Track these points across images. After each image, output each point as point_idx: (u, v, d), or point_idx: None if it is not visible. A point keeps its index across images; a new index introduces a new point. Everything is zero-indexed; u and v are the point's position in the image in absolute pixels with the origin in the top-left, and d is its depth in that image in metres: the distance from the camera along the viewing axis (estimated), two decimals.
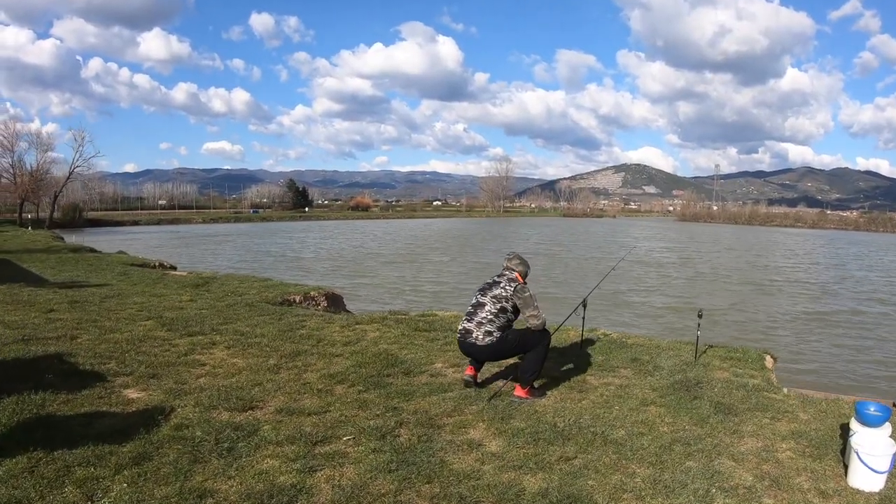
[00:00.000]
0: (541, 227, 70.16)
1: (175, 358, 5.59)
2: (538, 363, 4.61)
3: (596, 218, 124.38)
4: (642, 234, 63.64)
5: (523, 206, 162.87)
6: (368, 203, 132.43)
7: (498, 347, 4.67)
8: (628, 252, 10.45)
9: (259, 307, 8.64)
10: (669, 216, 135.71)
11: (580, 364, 5.71)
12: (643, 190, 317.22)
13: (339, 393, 4.73)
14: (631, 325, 12.81)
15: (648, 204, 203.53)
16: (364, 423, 4.06)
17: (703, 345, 6.43)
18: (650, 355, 6.07)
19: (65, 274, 11.93)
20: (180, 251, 30.95)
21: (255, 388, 4.77)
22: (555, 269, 26.03)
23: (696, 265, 30.05)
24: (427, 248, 37.15)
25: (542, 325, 4.64)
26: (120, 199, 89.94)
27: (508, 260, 4.92)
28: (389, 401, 4.53)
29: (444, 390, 4.81)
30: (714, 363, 5.85)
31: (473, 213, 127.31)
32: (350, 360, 5.64)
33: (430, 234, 54.68)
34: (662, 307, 16.07)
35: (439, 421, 4.15)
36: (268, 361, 5.57)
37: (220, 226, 66.90)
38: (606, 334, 7.23)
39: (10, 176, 47.70)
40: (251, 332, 6.76)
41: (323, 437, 3.80)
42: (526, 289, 4.71)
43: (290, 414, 4.21)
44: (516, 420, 4.18)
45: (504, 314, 4.68)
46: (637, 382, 5.16)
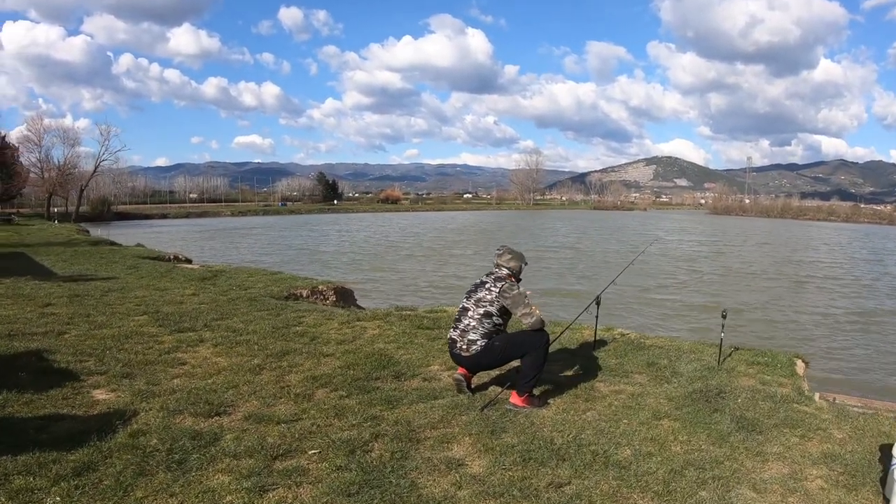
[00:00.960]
0: (569, 220, 68.82)
1: (156, 356, 5.30)
2: (535, 368, 4.13)
3: (626, 211, 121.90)
4: (672, 228, 61.84)
5: (554, 198, 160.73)
6: (398, 196, 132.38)
7: (484, 357, 4.21)
8: (649, 245, 9.74)
9: (261, 302, 8.35)
10: (701, 209, 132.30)
11: (590, 368, 5.20)
12: (674, 183, 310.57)
13: (318, 398, 4.34)
14: (653, 325, 12.11)
15: (680, 197, 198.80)
16: (336, 434, 3.65)
17: (729, 347, 5.84)
18: (669, 359, 5.50)
19: (75, 267, 11.90)
20: (202, 244, 31.17)
21: (229, 390, 4.43)
22: (580, 264, 25.29)
23: (728, 260, 28.76)
24: (451, 241, 36.65)
25: (538, 325, 4.15)
26: (151, 193, 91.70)
27: (498, 256, 4.44)
28: (370, 408, 4.11)
29: (435, 397, 4.37)
30: (739, 368, 5.25)
31: (503, 205, 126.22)
32: (340, 361, 5.25)
33: (457, 227, 54.17)
34: (689, 305, 15.18)
35: (421, 434, 3.70)
36: (252, 361, 5.22)
37: (248, 219, 67.53)
38: (624, 334, 6.68)
39: (38, 171, 48.74)
40: (244, 329, 6.44)
41: (286, 451, 3.41)
42: (514, 287, 4.22)
43: (258, 421, 3.84)
44: (508, 434, 3.70)
45: (489, 319, 4.21)
46: (651, 391, 4.62)
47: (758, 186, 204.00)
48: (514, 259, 4.39)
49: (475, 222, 64.08)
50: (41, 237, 21.72)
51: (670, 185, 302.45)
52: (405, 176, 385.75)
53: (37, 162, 49.28)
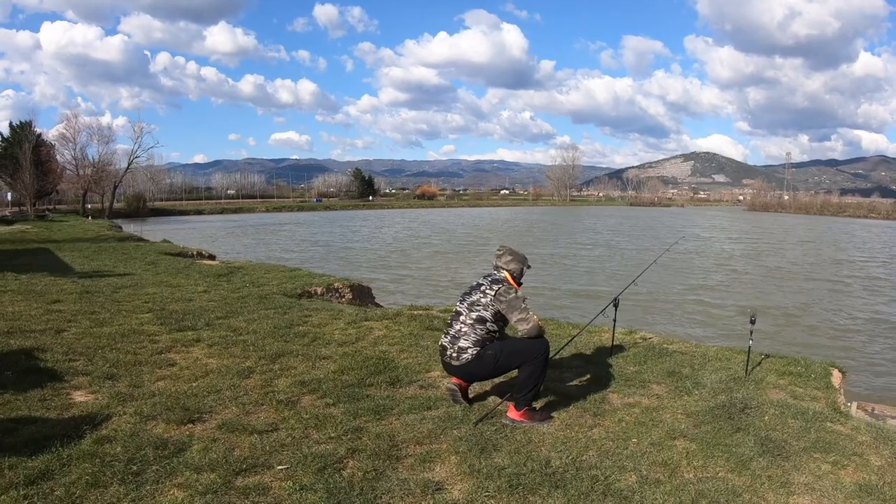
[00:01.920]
0: (605, 217, 67.30)
1: (147, 356, 5.12)
2: (534, 380, 3.72)
3: (663, 207, 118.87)
4: (709, 224, 59.65)
5: (590, 195, 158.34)
6: (434, 192, 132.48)
7: (475, 367, 3.82)
8: (673, 244, 9.11)
9: (271, 299, 8.17)
10: (739, 206, 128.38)
11: (604, 377, 4.75)
12: (712, 179, 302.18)
13: (302, 405, 4.05)
14: (681, 328, 11.40)
15: (718, 193, 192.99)
16: (310, 448, 3.35)
17: (759, 354, 5.32)
18: (692, 367, 5.01)
19: (94, 263, 12.01)
20: (231, 240, 31.52)
21: (211, 395, 4.19)
22: (611, 262, 24.49)
23: (765, 259, 27.30)
24: (481, 238, 36.18)
25: (534, 332, 3.75)
26: (188, 190, 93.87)
27: (497, 256, 4.04)
28: (355, 419, 3.79)
29: (428, 407, 4.02)
30: (769, 379, 4.72)
31: (540, 202, 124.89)
32: (335, 365, 4.96)
33: (489, 223, 53.66)
34: (722, 307, 14.25)
35: (403, 450, 3.36)
36: (243, 363, 4.98)
37: (283, 215, 68.50)
38: (646, 338, 6.19)
39: (74, 168, 50.10)
40: (244, 328, 6.23)
41: (252, 465, 3.12)
42: (511, 290, 3.82)
43: (231, 431, 3.57)
44: (500, 453, 3.32)
45: (482, 325, 3.82)
46: (669, 404, 4.16)
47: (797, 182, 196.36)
48: (514, 261, 4.00)
49: (508, 219, 63.42)
50: (70, 233, 22.27)
51: (708, 181, 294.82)
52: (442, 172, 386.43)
53: (72, 159, 50.75)
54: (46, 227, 25.83)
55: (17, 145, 42.88)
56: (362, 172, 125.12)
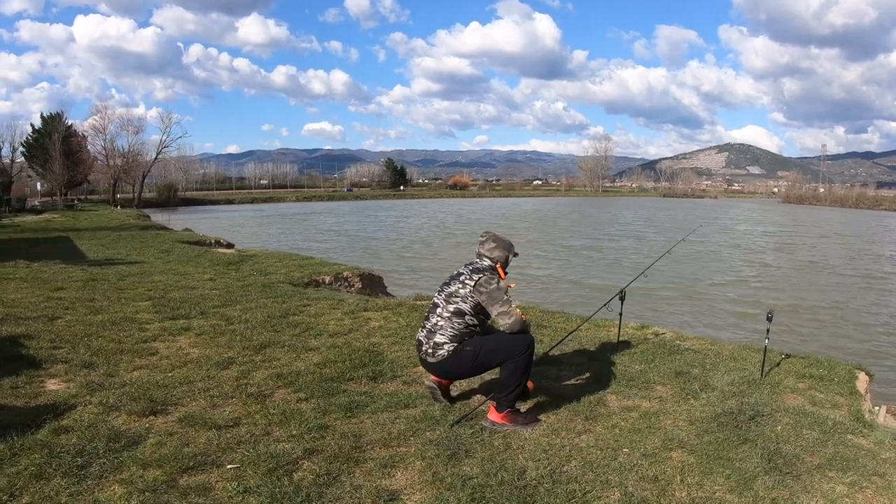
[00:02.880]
0: (636, 208, 65.49)
1: (132, 345, 5.00)
2: (515, 378, 3.39)
3: (696, 199, 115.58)
4: (742, 216, 57.45)
5: (623, 186, 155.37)
6: (466, 182, 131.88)
7: (452, 364, 3.51)
8: (690, 233, 8.49)
9: (274, 288, 8.01)
10: (773, 198, 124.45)
11: (605, 375, 4.38)
12: (747, 171, 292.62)
13: (273, 400, 3.82)
14: (700, 323, 10.73)
15: (752, 185, 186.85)
16: (269, 446, 3.12)
17: (779, 354, 4.87)
18: (703, 367, 4.59)
19: (109, 251, 12.12)
20: (256, 229, 31.67)
21: (182, 386, 4.02)
22: (636, 254, 23.57)
23: (798, 252, 25.89)
24: (508, 229, 35.56)
25: (516, 327, 3.41)
26: (221, 180, 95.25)
27: (480, 243, 3.71)
28: (324, 416, 3.54)
29: (406, 405, 3.74)
30: (787, 382, 4.27)
31: (572, 192, 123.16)
32: (319, 357, 4.72)
33: (519, 213, 52.91)
34: (747, 302, 13.33)
35: (366, 452, 3.09)
36: (226, 354, 4.80)
37: (313, 204, 68.95)
38: (658, 334, 5.77)
39: (104, 158, 51.04)
40: (238, 318, 6.06)
41: (202, 462, 2.93)
42: (493, 279, 3.48)
43: (191, 424, 3.39)
44: (471, 460, 3.01)
45: (460, 318, 3.50)
46: (672, 408, 3.77)
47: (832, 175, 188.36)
48: (498, 248, 3.65)
49: (539, 209, 62.49)
50: (94, 222, 22.70)
51: (743, 172, 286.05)
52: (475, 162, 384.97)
53: (102, 150, 51.67)
54: (73, 217, 26.42)
55: (48, 136, 44.01)
56: (394, 162, 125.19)
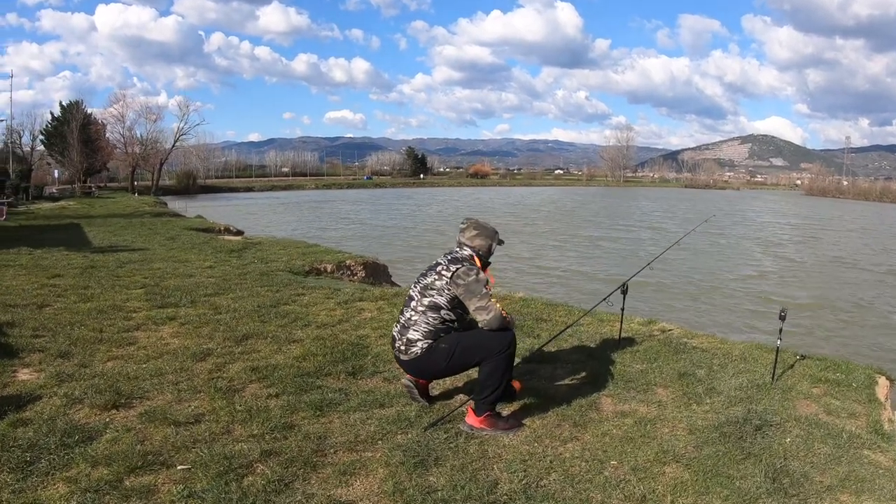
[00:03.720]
0: (657, 199, 64.02)
1: (113, 334, 4.85)
2: (494, 379, 3.10)
3: (718, 190, 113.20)
4: (764, 208, 55.85)
5: (645, 176, 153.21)
6: (487, 171, 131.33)
7: (426, 363, 3.23)
8: (700, 224, 8.02)
9: (272, 276, 7.84)
10: (796, 190, 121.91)
11: (601, 375, 4.07)
12: (770, 162, 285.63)
13: (242, 395, 3.62)
14: (711, 320, 10.18)
15: (775, 177, 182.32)
16: (226, 446, 2.92)
17: (794, 354, 4.51)
18: (710, 368, 4.24)
19: (115, 238, 12.12)
20: (270, 216, 31.55)
21: (153, 378, 3.84)
22: (654, 245, 22.85)
23: (821, 246, 24.84)
24: (525, 218, 35.05)
25: (494, 323, 3.11)
26: (242, 168, 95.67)
27: (460, 231, 3.41)
28: (292, 414, 3.32)
29: (381, 404, 3.49)
30: (800, 387, 3.90)
31: (593, 182, 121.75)
32: (301, 349, 4.51)
33: (536, 202, 52.18)
34: (765, 297, 12.66)
35: (328, 456, 2.86)
36: (206, 344, 4.62)
37: (332, 192, 68.96)
38: (666, 330, 5.42)
39: (122, 146, 51.25)
40: (227, 307, 5.90)
41: (153, 462, 2.75)
42: (472, 271, 3.18)
43: (151, 420, 3.21)
44: (440, 469, 2.75)
45: (435, 313, 3.22)
46: (671, 415, 3.45)
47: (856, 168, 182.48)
48: (479, 236, 3.35)
49: (558, 198, 61.68)
50: (108, 209, 22.80)
51: (766, 164, 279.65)
52: (497, 151, 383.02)
53: (121, 137, 51.53)
54: (89, 204, 26.60)
55: (66, 124, 44.39)
56: (415, 151, 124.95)
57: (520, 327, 5.29)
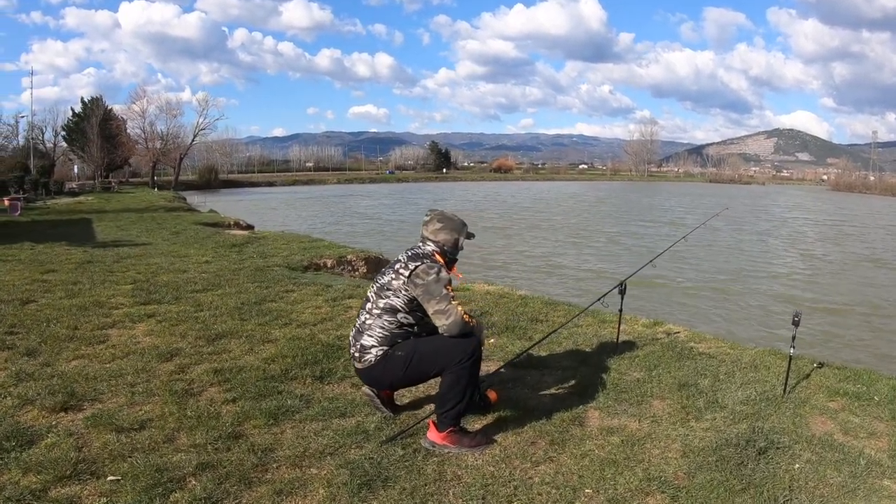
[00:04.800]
0: (680, 194, 62.14)
1: (87, 331, 4.68)
2: (457, 392, 2.78)
3: (743, 185, 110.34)
4: (790, 203, 53.88)
5: (669, 171, 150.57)
6: (511, 165, 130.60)
7: (381, 371, 2.92)
8: (712, 217, 7.42)
9: (266, 272, 7.64)
10: (822, 185, 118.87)
11: (592, 384, 3.71)
12: (796, 157, 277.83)
13: (198, 399, 3.40)
14: (724, 322, 9.53)
15: (801, 172, 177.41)
16: (164, 456, 2.69)
17: (810, 362, 4.09)
18: (715, 377, 3.84)
19: (121, 233, 12.21)
20: (286, 212, 31.32)
21: (111, 380, 3.64)
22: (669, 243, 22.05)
23: (849, 244, 23.47)
24: (543, 213, 34.41)
25: (455, 329, 2.78)
26: (266, 162, 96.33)
27: (424, 224, 3.08)
28: (243, 423, 3.07)
29: (342, 413, 3.20)
30: (815, 400, 3.48)
31: (617, 177, 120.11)
32: (274, 350, 4.27)
33: (557, 197, 51.33)
34: (785, 298, 11.86)
35: (268, 472, 2.59)
36: (177, 343, 4.42)
37: (353, 186, 68.92)
38: (671, 332, 5.03)
39: (143, 141, 51.75)
40: (210, 303, 5.71)
41: (84, 471, 2.55)
42: (433, 269, 2.85)
43: (97, 424, 3.01)
44: (388, 493, 2.45)
45: (392, 316, 2.91)
46: (665, 432, 3.08)
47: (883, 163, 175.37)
48: (444, 229, 3.02)
49: (579, 193, 60.69)
50: (123, 204, 22.99)
51: (791, 159, 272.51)
52: (521, 146, 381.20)
53: (141, 133, 51.97)
54: (106, 199, 26.86)
55: (87, 120, 44.97)
56: (438, 145, 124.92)
57: (512, 329, 4.96)
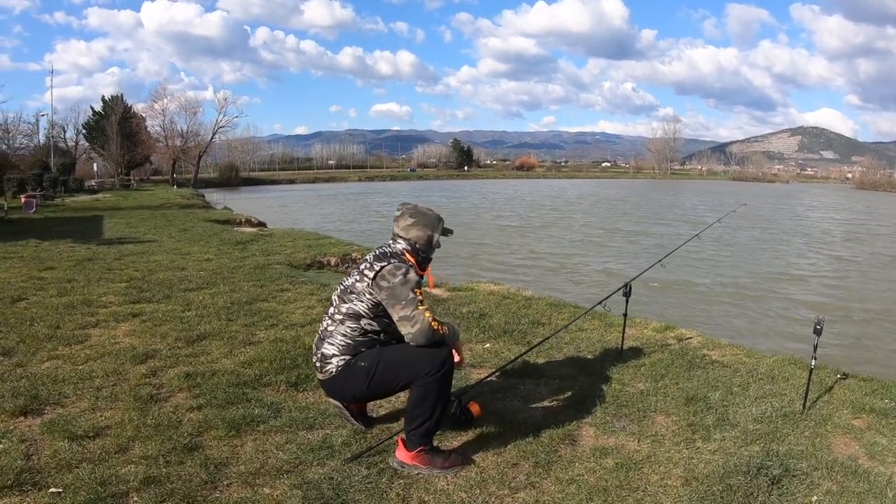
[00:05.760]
0: (703, 193, 60.40)
1: (69, 330, 4.53)
2: (426, 407, 2.49)
3: (767, 183, 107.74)
4: (813, 202, 52.00)
5: (693, 169, 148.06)
6: (533, 163, 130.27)
7: (344, 383, 2.64)
8: (727, 215, 6.88)
9: (265, 270, 7.49)
10: (846, 184, 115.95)
11: (590, 396, 3.40)
12: (820, 155, 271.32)
13: (163, 406, 3.21)
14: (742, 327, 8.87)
15: (826, 170, 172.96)
16: (112, 468, 2.48)
17: (833, 372, 3.72)
18: (728, 390, 3.50)
19: (129, 230, 12.30)
20: (302, 209, 31.00)
21: (79, 382, 3.47)
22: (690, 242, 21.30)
23: (879, 244, 22.26)
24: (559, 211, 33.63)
25: (421, 338, 2.49)
26: (288, 160, 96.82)
27: (395, 220, 2.77)
28: (203, 433, 2.86)
29: (310, 425, 2.95)
30: (837, 417, 3.12)
31: (640, 175, 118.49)
32: (254, 353, 4.06)
33: (577, 195, 50.51)
34: (809, 301, 11.19)
35: (217, 490, 2.38)
36: (156, 345, 4.25)
37: (374, 184, 68.81)
38: (682, 338, 4.68)
39: (163, 139, 52.22)
40: (200, 302, 5.56)
41: (26, 481, 2.38)
42: (400, 269, 2.56)
43: (53, 430, 2.84)
44: None
45: (354, 322, 2.63)
46: (667, 455, 2.75)
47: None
48: (416, 225, 2.71)
49: (600, 191, 59.64)
50: (139, 202, 23.16)
51: (816, 157, 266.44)
52: (543, 144, 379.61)
53: (161, 131, 52.33)
54: (123, 196, 27.13)
55: (107, 118, 45.55)
56: (461, 143, 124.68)
57: (510, 332, 4.66)
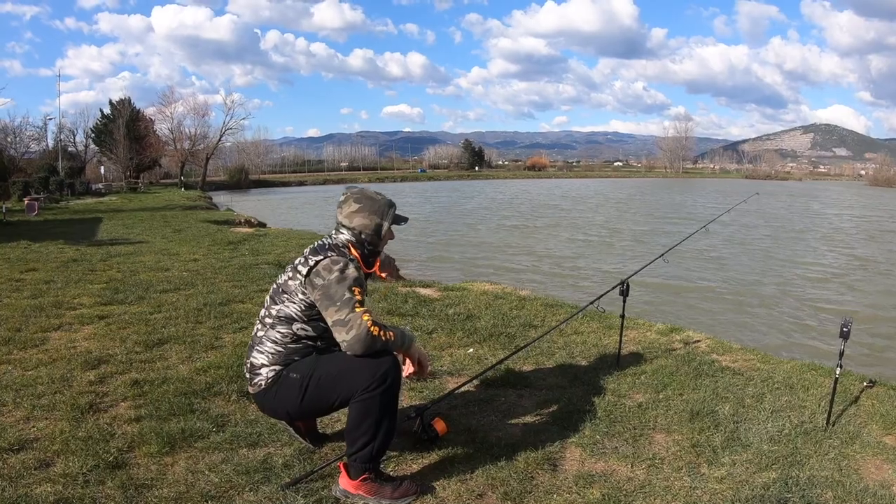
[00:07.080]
0: (714, 191, 58.95)
1: (29, 334, 4.28)
2: (368, 427, 2.10)
3: (780, 181, 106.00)
4: (828, 199, 50.51)
5: (705, 167, 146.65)
6: (545, 163, 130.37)
7: (274, 399, 2.26)
8: (731, 209, 6.41)
9: (251, 270, 7.32)
10: (860, 181, 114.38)
11: (579, 410, 3.00)
12: (833, 152, 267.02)
13: (100, 417, 2.90)
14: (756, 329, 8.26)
15: (839, 167, 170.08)
16: (28, 487, 2.19)
17: (859, 380, 3.29)
18: (740, 402, 3.07)
19: (123, 231, 12.32)
20: (306, 210, 30.61)
21: (20, 390, 3.19)
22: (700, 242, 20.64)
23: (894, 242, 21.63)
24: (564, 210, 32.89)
25: (358, 347, 2.09)
26: (299, 162, 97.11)
27: (339, 206, 2.38)
28: (133, 449, 2.56)
29: (254, 442, 2.60)
30: (867, 434, 2.69)
31: (652, 174, 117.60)
32: (213, 358, 3.78)
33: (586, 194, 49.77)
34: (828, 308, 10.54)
35: None
36: (112, 349, 3.97)
37: (385, 185, 68.46)
38: (689, 341, 4.25)
39: (172, 142, 52.38)
40: (172, 304, 5.32)
41: None
42: (336, 265, 2.17)
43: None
44: None
45: (286, 327, 2.26)
46: (665, 482, 2.34)
47: None
48: (362, 212, 2.32)
49: (609, 190, 58.74)
50: (143, 203, 23.16)
51: (829, 154, 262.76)
52: (555, 144, 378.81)
53: (170, 133, 52.42)
54: (128, 199, 27.22)
55: (115, 121, 45.75)
56: (472, 144, 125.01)
57: (497, 336, 4.27)
